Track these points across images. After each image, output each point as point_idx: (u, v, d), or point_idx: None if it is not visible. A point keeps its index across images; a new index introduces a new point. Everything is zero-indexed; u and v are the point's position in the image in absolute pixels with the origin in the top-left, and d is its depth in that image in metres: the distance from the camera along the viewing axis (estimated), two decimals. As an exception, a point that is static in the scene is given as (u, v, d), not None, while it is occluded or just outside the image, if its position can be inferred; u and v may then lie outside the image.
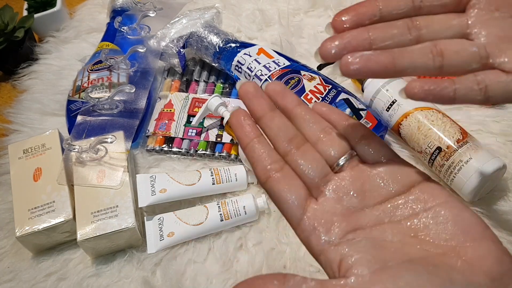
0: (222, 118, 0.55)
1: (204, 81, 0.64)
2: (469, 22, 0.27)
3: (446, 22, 0.27)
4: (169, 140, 0.58)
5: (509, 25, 0.26)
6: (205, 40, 0.61)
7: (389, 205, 0.26)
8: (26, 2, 0.77)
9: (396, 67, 0.25)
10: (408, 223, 0.25)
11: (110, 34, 0.67)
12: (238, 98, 0.61)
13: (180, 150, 0.57)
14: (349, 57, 0.25)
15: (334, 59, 0.26)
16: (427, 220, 0.25)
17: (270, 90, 0.29)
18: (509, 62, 0.25)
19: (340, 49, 0.25)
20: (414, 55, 0.25)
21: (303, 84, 0.53)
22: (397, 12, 0.27)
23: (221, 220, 0.49)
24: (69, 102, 0.60)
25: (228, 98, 0.61)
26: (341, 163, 0.28)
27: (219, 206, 0.50)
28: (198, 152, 0.57)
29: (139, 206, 0.50)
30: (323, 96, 0.52)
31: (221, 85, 0.63)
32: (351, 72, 0.25)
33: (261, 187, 0.28)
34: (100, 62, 0.62)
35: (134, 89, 0.58)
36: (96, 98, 0.58)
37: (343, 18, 0.26)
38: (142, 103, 0.59)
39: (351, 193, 0.27)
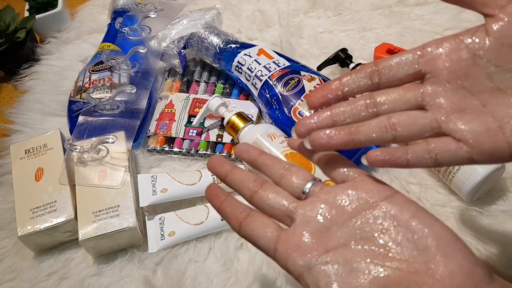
0: (223, 119, 0.55)
1: (205, 81, 0.64)
2: (424, 94, 0.29)
3: (403, 96, 0.29)
4: (170, 140, 0.59)
5: (459, 96, 0.28)
6: (205, 40, 0.62)
7: (358, 222, 0.27)
8: (27, 3, 0.78)
9: (355, 142, 0.29)
10: (379, 240, 0.26)
11: (111, 35, 0.67)
12: (238, 99, 0.61)
13: (181, 150, 0.57)
14: (314, 135, 0.29)
15: (305, 136, 0.30)
16: (398, 236, 0.26)
17: (237, 151, 0.33)
18: (458, 131, 0.28)
19: (309, 130, 0.30)
20: (369, 130, 0.29)
21: (303, 85, 0.53)
22: (358, 90, 0.30)
23: (222, 220, 0.49)
24: (71, 102, 0.61)
25: (229, 99, 0.61)
26: (307, 190, 0.30)
27: (219, 206, 0.50)
28: (199, 152, 0.57)
29: (140, 205, 0.50)
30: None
31: (222, 86, 0.63)
32: (318, 147, 0.30)
33: (239, 235, 0.31)
34: (101, 62, 0.62)
35: (135, 90, 0.58)
36: (98, 98, 0.58)
37: (314, 99, 0.31)
38: (143, 104, 0.59)
39: (320, 215, 0.28)
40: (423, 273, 0.24)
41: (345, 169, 0.30)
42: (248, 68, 0.57)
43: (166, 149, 0.58)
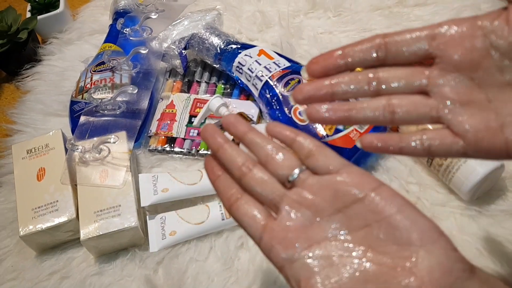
0: (223, 119, 0.56)
1: (206, 82, 0.65)
2: (430, 79, 0.28)
3: (408, 76, 0.28)
4: (171, 140, 0.59)
5: (466, 88, 0.27)
6: (206, 41, 0.62)
7: (343, 217, 0.27)
8: (29, 4, 0.78)
9: (351, 120, 0.29)
10: (363, 234, 0.26)
11: (113, 36, 0.68)
12: (239, 99, 0.61)
13: (182, 150, 0.58)
14: (312, 107, 0.29)
15: (302, 103, 0.29)
16: (381, 230, 0.25)
17: (224, 123, 0.31)
18: (457, 125, 0.27)
19: (307, 97, 0.29)
20: (367, 111, 0.28)
21: (303, 85, 0.53)
22: (361, 63, 0.29)
23: (222, 219, 0.49)
24: (72, 102, 0.61)
25: (229, 99, 0.61)
26: (291, 179, 0.28)
27: (220, 205, 0.50)
28: (200, 152, 0.57)
29: (142, 205, 0.50)
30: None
31: (222, 86, 0.64)
32: (314, 121, 0.29)
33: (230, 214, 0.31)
34: (103, 63, 0.63)
35: (136, 90, 0.58)
36: (99, 98, 0.58)
37: (314, 67, 0.29)
38: (144, 104, 0.60)
39: (304, 207, 0.28)
40: (403, 269, 0.24)
41: (328, 160, 0.28)
42: (248, 69, 0.57)
43: (167, 149, 0.58)
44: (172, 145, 0.58)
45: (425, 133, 0.28)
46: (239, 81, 0.60)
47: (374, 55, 0.28)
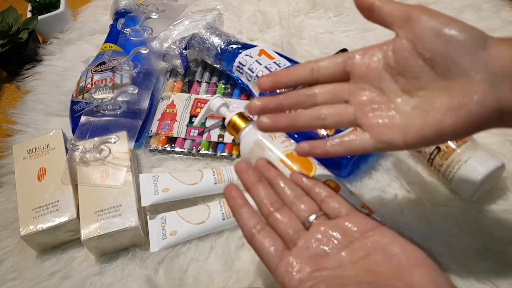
0: (224, 119, 0.56)
1: (206, 82, 0.65)
2: (349, 91, 0.36)
3: (334, 91, 0.37)
4: (171, 140, 0.59)
5: (374, 95, 0.35)
6: (207, 41, 0.62)
7: (348, 250, 0.33)
8: (30, 4, 0.78)
9: (293, 127, 0.37)
10: (363, 261, 0.31)
11: (113, 36, 0.68)
12: (240, 99, 0.61)
13: (182, 150, 0.58)
14: (263, 118, 0.37)
15: (256, 114, 0.37)
16: (377, 257, 0.31)
17: (257, 165, 0.39)
18: (366, 125, 0.35)
19: (260, 109, 0.37)
20: (305, 119, 0.37)
21: (304, 85, 0.53)
22: (300, 81, 0.37)
23: (223, 219, 0.49)
24: (73, 103, 0.61)
25: (230, 99, 0.61)
26: (311, 221, 0.35)
27: (221, 205, 0.50)
28: (200, 152, 0.57)
29: (142, 205, 0.50)
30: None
31: (223, 86, 0.64)
32: (264, 128, 0.37)
33: (247, 242, 0.36)
34: (104, 63, 0.63)
35: (137, 90, 0.58)
36: (100, 98, 0.58)
37: (264, 82, 0.37)
38: (145, 104, 0.60)
39: (318, 243, 0.34)
40: (395, 278, 0.29)
41: (338, 205, 0.36)
42: (249, 69, 0.57)
43: (168, 149, 0.58)
44: (173, 145, 0.58)
45: (344, 136, 0.36)
46: (239, 81, 0.60)
47: (310, 76, 0.37)
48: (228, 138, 0.57)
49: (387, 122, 0.34)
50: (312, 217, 0.35)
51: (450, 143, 0.47)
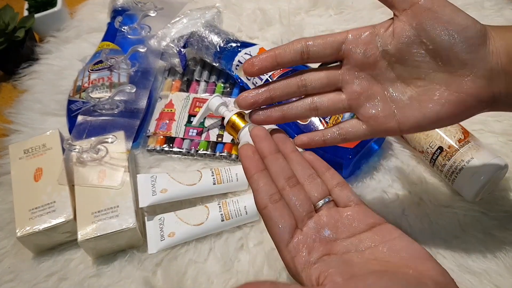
0: (223, 118, 0.55)
1: (205, 81, 0.64)
2: (341, 79, 0.36)
3: (325, 79, 0.36)
4: (169, 140, 0.58)
5: (367, 83, 0.35)
6: (205, 39, 0.61)
7: (355, 239, 0.33)
8: (26, 2, 0.77)
9: (285, 119, 0.37)
10: (370, 251, 0.32)
11: (111, 34, 0.67)
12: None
13: (181, 150, 0.57)
14: (257, 112, 0.37)
15: (247, 108, 0.36)
16: (384, 249, 0.31)
17: (274, 136, 0.37)
18: (361, 114, 0.36)
19: (251, 104, 0.36)
20: (297, 110, 0.37)
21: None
22: (289, 62, 0.35)
23: (222, 220, 0.49)
24: (70, 102, 0.60)
25: (229, 98, 0.60)
26: (320, 205, 0.35)
27: (220, 206, 0.50)
28: (199, 152, 0.57)
29: (140, 206, 0.50)
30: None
31: (222, 85, 0.63)
32: (257, 123, 0.37)
33: (258, 211, 0.34)
34: (101, 62, 0.62)
35: (134, 89, 0.58)
36: (97, 98, 0.58)
37: (250, 67, 0.35)
38: (143, 103, 0.59)
39: (327, 227, 0.33)
40: (405, 268, 0.29)
41: (348, 195, 0.35)
42: (248, 67, 0.57)
43: (166, 149, 0.57)
44: (171, 145, 0.58)
45: (339, 126, 0.37)
46: (239, 79, 0.59)
47: (299, 57, 0.35)
48: (227, 138, 0.57)
49: (383, 112, 0.34)
50: (321, 201, 0.35)
51: (453, 143, 0.47)
